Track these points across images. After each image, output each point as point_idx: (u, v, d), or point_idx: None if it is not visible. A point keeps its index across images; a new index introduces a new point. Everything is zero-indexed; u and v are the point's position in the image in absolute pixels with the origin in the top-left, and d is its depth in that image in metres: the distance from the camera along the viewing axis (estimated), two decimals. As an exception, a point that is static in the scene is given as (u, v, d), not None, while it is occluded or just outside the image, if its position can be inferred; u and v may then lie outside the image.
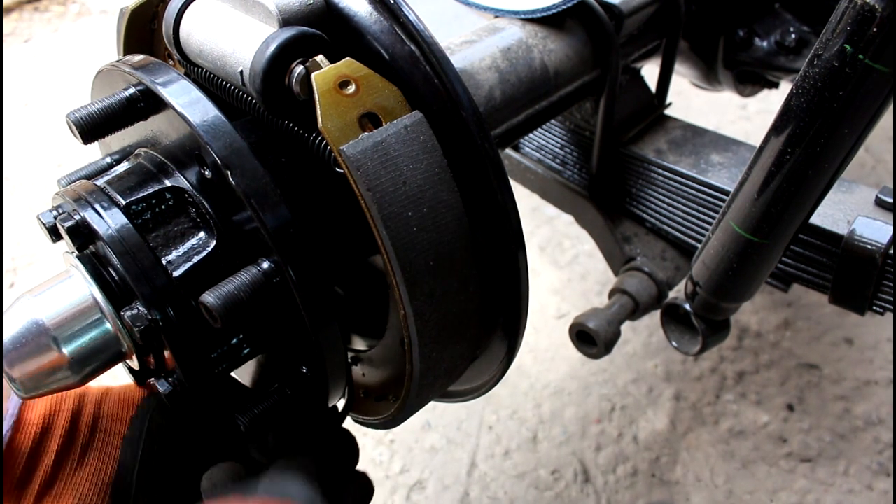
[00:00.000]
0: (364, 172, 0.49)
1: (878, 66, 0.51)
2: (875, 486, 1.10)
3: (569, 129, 0.95)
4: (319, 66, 0.51)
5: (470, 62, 0.71)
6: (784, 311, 1.32)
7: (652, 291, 0.88)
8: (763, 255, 0.67)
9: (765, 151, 0.62)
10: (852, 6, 0.51)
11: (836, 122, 0.56)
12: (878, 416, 1.17)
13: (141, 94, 0.56)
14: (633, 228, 0.93)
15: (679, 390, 1.22)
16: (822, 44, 0.54)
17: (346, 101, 0.50)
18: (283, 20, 0.52)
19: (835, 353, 1.26)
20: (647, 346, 1.29)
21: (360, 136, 0.49)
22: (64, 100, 1.20)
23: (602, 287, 1.40)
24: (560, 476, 1.13)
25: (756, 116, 1.73)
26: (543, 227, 1.51)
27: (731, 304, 0.76)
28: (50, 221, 0.55)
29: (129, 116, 0.56)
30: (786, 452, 1.14)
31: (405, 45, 0.53)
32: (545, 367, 1.26)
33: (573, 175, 0.97)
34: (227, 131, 0.52)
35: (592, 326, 0.83)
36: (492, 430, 1.19)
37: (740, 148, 0.90)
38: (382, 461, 1.15)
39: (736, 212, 0.66)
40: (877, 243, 0.70)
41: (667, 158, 0.89)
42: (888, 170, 1.58)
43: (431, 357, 0.55)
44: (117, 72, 0.58)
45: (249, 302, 0.49)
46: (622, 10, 0.80)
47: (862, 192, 0.76)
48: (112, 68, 0.58)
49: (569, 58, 0.78)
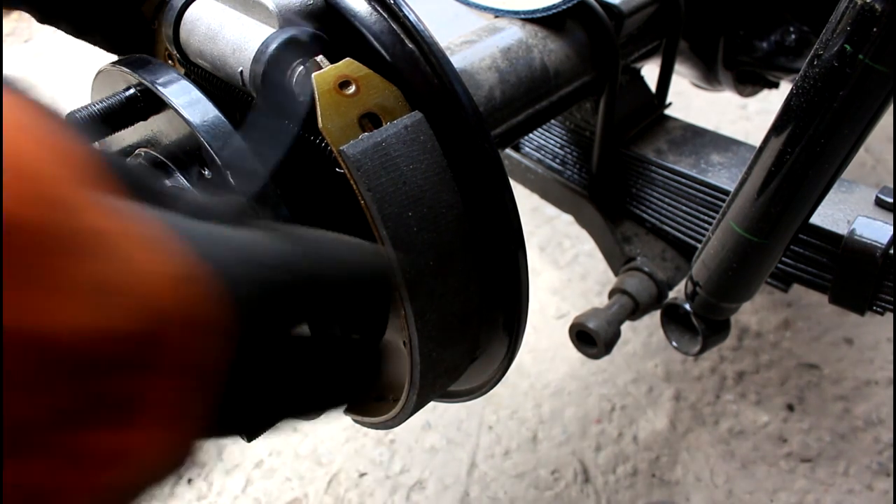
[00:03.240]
0: (364, 173, 0.49)
1: (878, 66, 0.52)
2: (875, 486, 1.10)
3: (569, 129, 0.95)
4: (319, 66, 0.51)
5: (470, 62, 0.72)
6: (784, 311, 1.32)
7: (652, 291, 0.88)
8: (763, 255, 0.67)
9: (765, 151, 0.62)
10: (852, 6, 0.51)
11: (836, 122, 0.56)
12: (878, 416, 1.17)
13: (141, 94, 0.56)
14: (633, 228, 0.93)
15: (679, 390, 1.22)
16: (822, 44, 0.54)
17: (346, 101, 0.50)
18: (283, 20, 0.52)
19: (835, 353, 1.26)
20: (647, 346, 1.29)
21: (361, 137, 0.50)
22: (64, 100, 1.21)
23: (602, 287, 1.40)
24: (560, 476, 1.13)
25: (756, 116, 1.73)
26: (543, 227, 1.51)
27: (731, 304, 0.76)
28: (50, 221, 0.55)
29: (129, 116, 0.56)
30: (786, 452, 1.14)
31: (405, 45, 0.53)
32: (545, 367, 1.26)
33: (573, 175, 0.97)
34: (227, 131, 0.52)
35: (592, 326, 0.83)
36: (492, 430, 1.19)
37: (740, 148, 0.90)
38: (382, 461, 1.15)
39: (736, 212, 0.66)
40: (877, 243, 0.70)
41: (667, 158, 0.89)
42: (888, 170, 1.58)
43: (432, 357, 0.55)
44: (117, 72, 0.58)
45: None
46: (622, 11, 0.80)
47: (862, 192, 0.76)
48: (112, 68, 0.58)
49: (569, 58, 0.78)
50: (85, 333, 0.21)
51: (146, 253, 0.24)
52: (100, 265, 0.22)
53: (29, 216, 0.21)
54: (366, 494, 1.12)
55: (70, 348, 0.21)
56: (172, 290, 0.24)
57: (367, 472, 1.14)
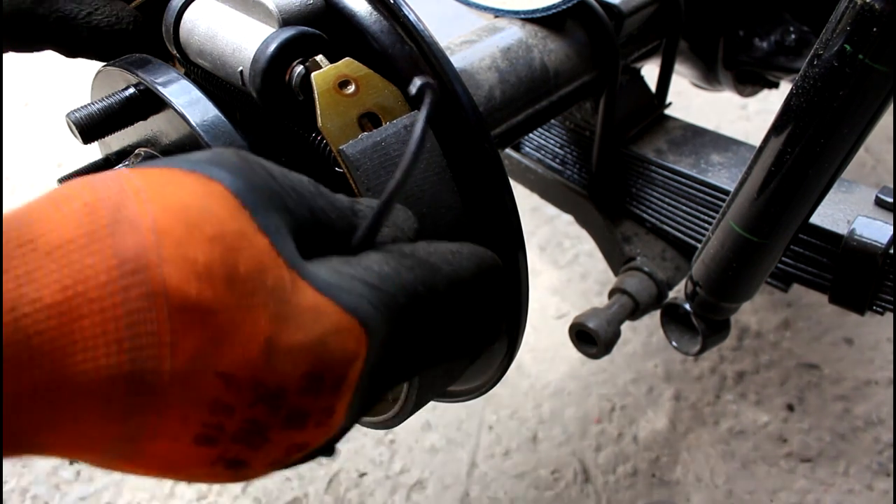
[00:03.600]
0: (364, 172, 0.49)
1: (878, 66, 0.52)
2: (875, 486, 1.10)
3: (569, 128, 0.95)
4: (319, 65, 0.51)
5: (470, 62, 0.72)
6: (784, 311, 1.32)
7: (652, 291, 0.88)
8: (763, 254, 0.67)
9: (765, 151, 0.62)
10: (852, 6, 0.51)
11: (836, 122, 0.56)
12: (878, 416, 1.17)
13: (141, 94, 0.56)
14: (633, 228, 0.93)
15: (679, 390, 1.22)
16: (822, 44, 0.54)
17: (346, 100, 0.50)
18: (283, 20, 0.52)
19: (835, 353, 1.26)
20: (647, 346, 1.29)
21: (360, 136, 0.50)
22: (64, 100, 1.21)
23: (602, 287, 1.39)
24: (560, 476, 1.13)
25: (756, 116, 1.73)
26: (543, 227, 1.51)
27: (731, 304, 0.76)
28: (50, 221, 0.55)
29: (129, 116, 0.56)
30: (786, 452, 1.14)
31: (405, 44, 0.53)
32: (545, 367, 1.26)
33: (573, 175, 0.97)
34: (227, 131, 0.52)
35: (592, 326, 0.83)
36: (492, 430, 1.19)
37: (740, 148, 0.90)
38: (382, 461, 1.15)
39: (736, 212, 0.66)
40: (877, 243, 0.70)
41: (667, 158, 0.89)
42: (888, 170, 1.58)
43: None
44: (117, 71, 0.58)
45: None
46: (622, 10, 0.80)
47: (862, 192, 0.76)
48: (112, 68, 0.58)
49: (569, 58, 0.78)
50: (284, 377, 0.34)
51: (315, 315, 0.35)
52: (296, 330, 0.34)
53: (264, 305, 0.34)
54: (366, 494, 1.12)
55: (277, 386, 0.34)
56: (332, 342, 0.35)
57: (367, 472, 1.14)
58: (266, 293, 0.34)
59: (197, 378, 0.32)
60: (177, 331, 0.31)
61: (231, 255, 0.33)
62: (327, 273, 0.37)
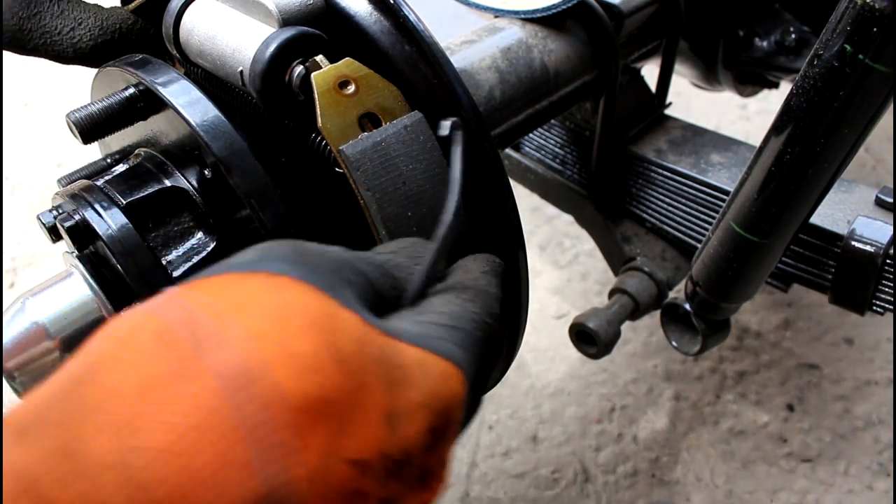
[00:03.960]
0: (364, 172, 0.49)
1: (878, 66, 0.52)
2: (875, 486, 1.10)
3: (569, 129, 0.95)
4: (319, 66, 0.51)
5: (470, 62, 0.72)
6: (784, 311, 1.32)
7: (652, 291, 0.88)
8: (763, 255, 0.67)
9: (765, 151, 0.62)
10: (852, 6, 0.51)
11: (836, 122, 0.56)
12: (878, 416, 1.17)
13: (141, 94, 0.56)
14: (633, 228, 0.93)
15: (679, 390, 1.22)
16: (822, 44, 0.54)
17: (346, 101, 0.50)
18: (283, 20, 0.52)
19: (835, 353, 1.26)
20: (647, 346, 1.29)
21: (360, 137, 0.50)
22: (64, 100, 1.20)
23: (602, 287, 1.39)
24: (560, 476, 1.13)
25: (756, 116, 1.73)
26: (543, 227, 1.51)
27: (731, 304, 0.76)
28: (50, 221, 0.55)
29: (129, 116, 0.56)
30: (786, 452, 1.14)
31: (405, 45, 0.53)
32: (545, 367, 1.26)
33: (573, 175, 0.97)
34: (227, 131, 0.52)
35: (592, 326, 0.83)
36: (492, 430, 1.19)
37: (740, 148, 0.90)
38: (382, 461, 1.15)
39: (736, 212, 0.66)
40: (877, 243, 0.70)
41: (667, 158, 0.89)
42: (888, 170, 1.58)
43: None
44: (117, 71, 0.58)
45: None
46: (622, 10, 0.80)
47: (862, 192, 0.76)
48: (112, 68, 0.58)
49: (569, 58, 0.78)
50: (408, 440, 0.34)
51: (421, 369, 0.36)
52: (409, 390, 0.35)
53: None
54: (366, 494, 1.12)
55: (403, 452, 0.34)
56: (442, 391, 0.36)
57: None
58: (374, 364, 0.33)
59: (331, 472, 0.30)
60: (304, 432, 0.29)
61: (332, 339, 0.32)
62: (411, 326, 0.38)
